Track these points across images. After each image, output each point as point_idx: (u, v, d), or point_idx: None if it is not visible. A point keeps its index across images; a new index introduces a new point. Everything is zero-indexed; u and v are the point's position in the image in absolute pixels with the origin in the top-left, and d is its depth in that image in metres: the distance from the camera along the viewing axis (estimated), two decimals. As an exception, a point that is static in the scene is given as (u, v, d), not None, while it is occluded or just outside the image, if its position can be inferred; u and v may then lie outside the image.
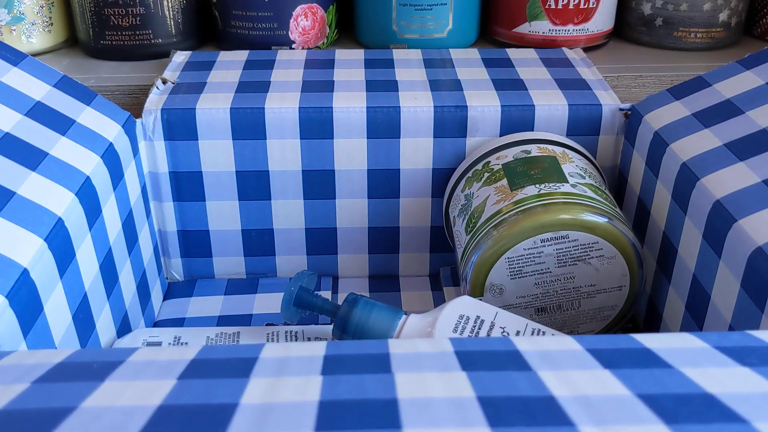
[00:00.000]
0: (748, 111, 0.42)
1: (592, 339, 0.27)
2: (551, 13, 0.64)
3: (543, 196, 0.43)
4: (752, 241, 0.35)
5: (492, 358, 0.26)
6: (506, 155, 0.48)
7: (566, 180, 0.44)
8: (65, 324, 0.36)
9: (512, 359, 0.26)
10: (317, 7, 0.64)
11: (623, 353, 0.26)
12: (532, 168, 0.46)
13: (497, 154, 0.48)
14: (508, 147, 0.49)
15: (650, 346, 0.27)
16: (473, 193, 0.47)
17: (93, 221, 0.40)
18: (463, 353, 0.26)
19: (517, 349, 0.26)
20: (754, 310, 0.34)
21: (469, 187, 0.48)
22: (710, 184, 0.39)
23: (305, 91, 0.51)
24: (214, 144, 0.50)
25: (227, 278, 0.55)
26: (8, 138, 0.39)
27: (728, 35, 0.67)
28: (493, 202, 0.44)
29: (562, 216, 0.42)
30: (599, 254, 0.43)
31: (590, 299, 0.44)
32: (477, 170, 0.48)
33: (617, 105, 0.51)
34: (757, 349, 0.27)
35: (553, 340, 0.27)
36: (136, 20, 0.62)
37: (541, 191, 0.43)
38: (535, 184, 0.44)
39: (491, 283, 0.43)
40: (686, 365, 0.25)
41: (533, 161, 0.46)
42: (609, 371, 0.25)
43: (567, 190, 0.43)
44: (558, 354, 0.26)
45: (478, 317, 0.40)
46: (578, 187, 0.44)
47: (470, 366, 0.25)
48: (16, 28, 0.62)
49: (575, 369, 0.25)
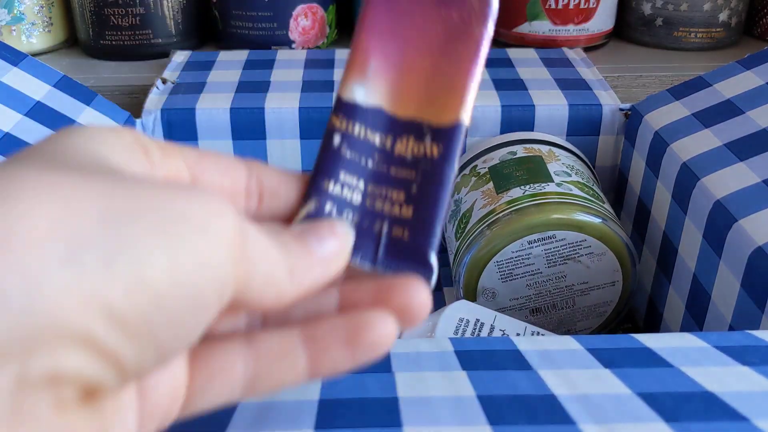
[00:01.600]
0: (748, 111, 0.42)
1: (592, 339, 0.27)
2: (551, 13, 0.64)
3: (529, 197, 0.43)
4: (752, 241, 0.35)
5: (492, 357, 0.26)
6: (493, 158, 0.48)
7: (552, 179, 0.44)
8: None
9: (512, 359, 0.26)
10: (317, 7, 0.64)
11: (623, 353, 0.26)
12: (518, 169, 0.46)
13: (484, 157, 0.48)
14: (494, 149, 0.49)
15: (650, 346, 0.27)
16: (461, 198, 0.47)
17: (93, 221, 0.40)
18: (463, 353, 0.26)
19: (518, 349, 0.26)
20: (754, 310, 0.34)
21: (457, 192, 0.48)
22: (710, 184, 0.39)
23: (305, 91, 0.51)
24: (213, 144, 0.50)
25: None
26: (8, 138, 0.39)
27: (728, 35, 0.67)
28: (480, 206, 0.44)
29: (548, 216, 0.42)
30: (588, 251, 0.43)
31: (584, 296, 0.44)
32: (465, 174, 0.48)
33: (617, 105, 0.51)
34: (758, 348, 0.27)
35: (553, 339, 0.27)
36: (136, 20, 0.62)
37: (526, 192, 0.43)
38: (521, 186, 0.44)
39: (483, 287, 0.43)
40: (686, 364, 0.25)
41: (519, 162, 0.46)
42: (609, 370, 0.25)
43: (552, 190, 0.43)
44: (558, 353, 0.26)
45: (478, 320, 0.40)
46: (564, 185, 0.44)
47: (470, 365, 0.25)
48: (16, 28, 0.62)
49: (575, 368, 0.25)
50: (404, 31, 0.23)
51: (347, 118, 0.22)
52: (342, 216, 0.22)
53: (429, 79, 0.22)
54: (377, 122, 0.22)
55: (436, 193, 0.21)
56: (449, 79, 0.22)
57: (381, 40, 0.23)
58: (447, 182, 0.22)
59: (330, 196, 0.22)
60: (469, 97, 0.22)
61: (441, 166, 0.22)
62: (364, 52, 0.23)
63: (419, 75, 0.22)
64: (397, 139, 0.22)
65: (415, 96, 0.22)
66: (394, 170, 0.22)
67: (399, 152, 0.22)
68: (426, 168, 0.22)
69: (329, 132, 0.22)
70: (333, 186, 0.22)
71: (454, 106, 0.22)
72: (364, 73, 0.23)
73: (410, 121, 0.22)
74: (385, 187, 0.22)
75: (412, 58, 0.23)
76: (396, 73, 0.23)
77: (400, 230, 0.21)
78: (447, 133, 0.22)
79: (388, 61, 0.23)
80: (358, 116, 0.22)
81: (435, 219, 0.21)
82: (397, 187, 0.22)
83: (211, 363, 0.19)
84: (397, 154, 0.22)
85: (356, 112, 0.22)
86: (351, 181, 0.22)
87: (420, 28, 0.22)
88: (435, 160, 0.22)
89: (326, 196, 0.21)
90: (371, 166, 0.22)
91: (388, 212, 0.22)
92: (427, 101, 0.22)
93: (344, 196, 0.22)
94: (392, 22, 0.23)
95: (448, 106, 0.22)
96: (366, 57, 0.23)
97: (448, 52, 0.22)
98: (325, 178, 0.22)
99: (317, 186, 0.22)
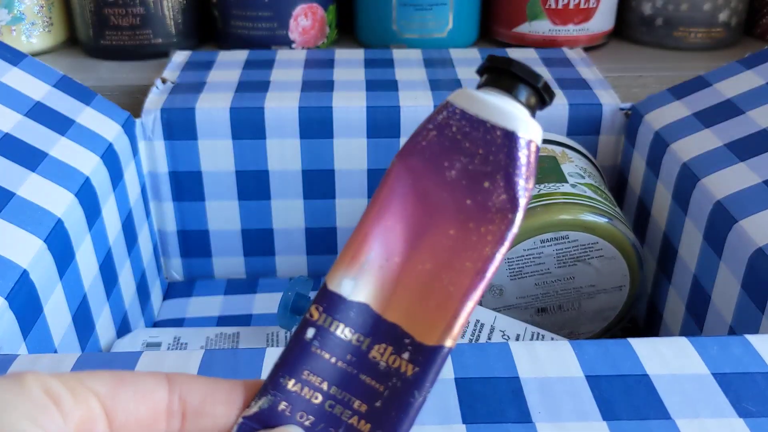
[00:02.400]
0: (748, 111, 0.42)
1: (589, 346, 0.27)
2: (551, 13, 0.64)
3: (543, 197, 0.43)
4: (753, 242, 0.35)
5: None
6: None
7: (566, 180, 0.44)
8: (65, 325, 0.36)
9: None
10: (317, 7, 0.63)
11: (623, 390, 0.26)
12: None
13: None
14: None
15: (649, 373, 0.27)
16: None
17: (93, 222, 0.40)
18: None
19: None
20: (754, 311, 0.34)
21: None
22: (711, 184, 0.39)
23: (305, 91, 0.51)
24: (213, 144, 0.50)
25: (227, 278, 0.55)
26: (8, 138, 0.39)
27: (728, 35, 0.67)
28: None
29: (562, 216, 0.42)
30: (599, 254, 0.43)
31: (591, 299, 0.44)
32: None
33: (617, 105, 0.51)
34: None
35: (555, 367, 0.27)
36: (136, 20, 0.62)
37: (540, 191, 0.43)
38: (535, 184, 0.44)
39: (491, 283, 0.43)
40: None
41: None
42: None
43: (567, 190, 0.43)
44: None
45: (478, 321, 0.40)
46: (578, 187, 0.44)
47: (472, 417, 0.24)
48: (16, 28, 0.62)
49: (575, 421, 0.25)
50: (414, 230, 0.21)
51: (327, 312, 0.20)
52: (295, 417, 0.20)
53: (425, 287, 0.20)
54: (359, 320, 0.21)
55: (398, 416, 0.20)
56: (446, 294, 0.20)
57: (386, 233, 0.21)
58: (413, 407, 0.20)
59: (288, 394, 0.20)
60: (460, 320, 0.20)
61: (411, 389, 0.20)
62: (364, 242, 0.21)
63: (416, 280, 0.21)
64: (376, 343, 0.20)
65: (406, 302, 0.21)
66: (364, 377, 0.20)
67: (374, 357, 0.20)
68: (396, 385, 0.20)
69: (304, 323, 0.21)
70: (293, 384, 0.20)
71: (442, 326, 0.20)
72: (358, 265, 0.21)
73: (394, 327, 0.20)
74: (350, 393, 0.20)
75: (414, 260, 0.21)
76: (392, 273, 0.21)
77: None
78: (426, 354, 0.20)
79: (388, 255, 0.21)
80: (341, 311, 0.21)
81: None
82: (361, 397, 0.20)
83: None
84: (371, 358, 0.20)
85: (339, 306, 0.21)
86: (314, 381, 0.20)
87: (432, 230, 0.21)
88: (407, 378, 0.20)
89: (284, 393, 0.20)
90: (341, 365, 0.20)
91: (346, 420, 0.20)
92: (416, 311, 0.20)
93: (303, 395, 0.20)
94: (404, 217, 0.21)
95: (436, 325, 0.20)
96: (364, 248, 0.21)
97: (452, 263, 0.20)
98: (286, 374, 0.20)
99: (276, 381, 0.20)
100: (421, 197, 0.21)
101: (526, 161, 0.20)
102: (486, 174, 0.20)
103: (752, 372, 0.26)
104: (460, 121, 0.20)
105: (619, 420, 0.24)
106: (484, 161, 0.20)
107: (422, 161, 0.21)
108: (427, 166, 0.21)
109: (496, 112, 0.20)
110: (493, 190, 0.20)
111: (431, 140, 0.21)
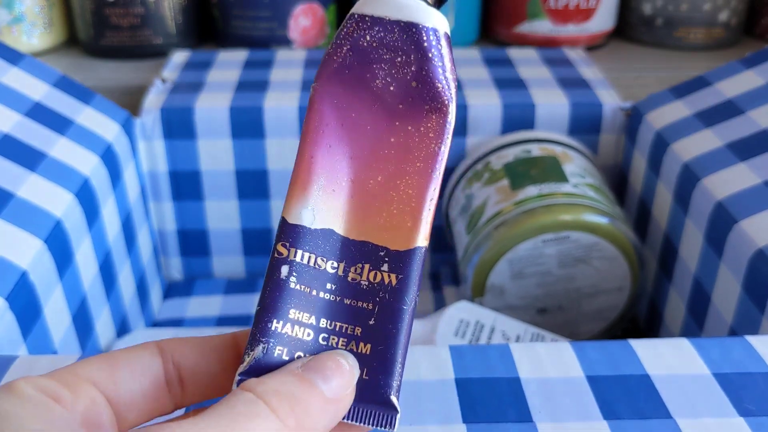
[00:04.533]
0: (749, 111, 0.42)
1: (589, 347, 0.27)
2: (552, 12, 0.64)
3: (544, 197, 0.43)
4: (753, 243, 0.35)
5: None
6: (507, 155, 0.48)
7: (567, 180, 0.44)
8: (65, 326, 0.36)
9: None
10: (317, 7, 0.63)
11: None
12: (533, 168, 0.46)
13: (498, 154, 0.48)
14: (508, 147, 0.48)
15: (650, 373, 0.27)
16: (473, 193, 0.47)
17: (92, 222, 0.40)
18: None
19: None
20: (754, 312, 0.34)
21: (469, 187, 0.48)
22: (711, 184, 0.39)
23: (304, 91, 0.51)
24: (213, 143, 0.50)
25: (227, 278, 0.55)
26: (7, 139, 0.39)
27: (728, 35, 0.67)
28: (493, 202, 0.44)
29: (563, 216, 0.41)
30: (600, 255, 0.42)
31: (591, 300, 0.44)
32: (477, 170, 0.48)
33: (618, 104, 0.51)
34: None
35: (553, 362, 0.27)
36: (136, 20, 0.62)
37: (542, 191, 0.43)
38: (536, 184, 0.44)
39: (492, 284, 0.43)
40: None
41: (534, 161, 0.46)
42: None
43: (568, 191, 0.43)
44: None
45: (478, 322, 0.40)
46: (579, 187, 0.44)
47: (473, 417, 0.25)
48: (16, 28, 0.62)
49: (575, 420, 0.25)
50: (354, 144, 0.21)
51: (295, 246, 0.20)
52: (294, 357, 0.20)
53: (384, 198, 0.20)
54: (328, 247, 0.20)
55: (396, 327, 0.20)
56: (406, 198, 0.20)
57: (328, 154, 0.21)
58: (407, 314, 0.20)
59: (279, 337, 0.20)
60: (426, 217, 0.20)
61: (400, 296, 0.20)
62: (310, 168, 0.21)
63: (373, 194, 0.21)
64: (351, 265, 0.20)
65: (369, 217, 0.20)
66: (349, 301, 0.20)
67: (354, 279, 0.20)
68: (384, 298, 0.20)
69: (274, 263, 0.20)
70: (282, 326, 0.20)
71: (411, 229, 0.20)
72: (312, 194, 0.20)
73: (365, 244, 0.20)
74: (340, 320, 0.20)
75: (364, 176, 0.21)
76: (347, 194, 0.21)
77: (360, 368, 0.20)
78: (405, 260, 0.20)
79: (337, 177, 0.21)
80: (306, 241, 0.20)
81: (395, 356, 0.20)
82: (353, 321, 0.20)
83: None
84: (351, 280, 0.20)
85: (304, 237, 0.20)
86: (301, 318, 0.20)
87: (372, 141, 0.21)
88: (393, 288, 0.20)
89: (274, 337, 0.20)
90: (323, 296, 0.20)
91: (344, 349, 0.20)
92: (381, 222, 0.20)
93: (294, 334, 0.20)
94: (341, 134, 0.21)
95: (405, 229, 0.20)
96: (312, 173, 0.20)
97: (403, 168, 0.20)
98: (272, 318, 0.20)
99: (264, 327, 0.20)
100: (352, 115, 0.21)
101: (441, 50, 0.20)
102: (409, 74, 0.20)
103: (753, 372, 0.26)
104: (370, 28, 0.20)
105: (619, 420, 0.24)
106: (403, 62, 0.20)
107: (342, 79, 0.21)
108: (350, 83, 0.21)
109: (396, 9, 0.20)
110: (422, 88, 0.20)
111: (346, 56, 0.21)
